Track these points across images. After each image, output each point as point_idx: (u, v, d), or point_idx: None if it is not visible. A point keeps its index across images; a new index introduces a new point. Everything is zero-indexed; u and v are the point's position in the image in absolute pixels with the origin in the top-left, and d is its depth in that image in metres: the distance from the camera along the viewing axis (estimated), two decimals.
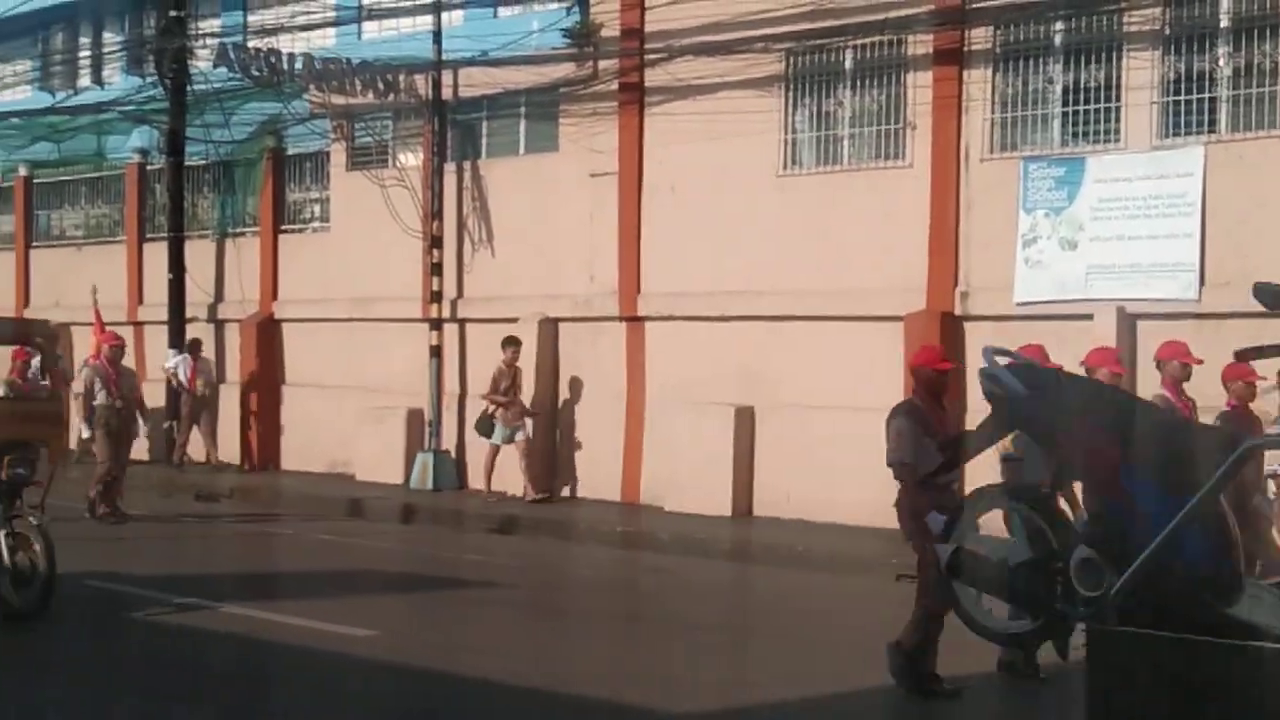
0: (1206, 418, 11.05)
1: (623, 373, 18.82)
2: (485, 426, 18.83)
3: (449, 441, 20.47)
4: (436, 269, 20.41)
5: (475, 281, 20.69)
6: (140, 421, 18.07)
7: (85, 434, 17.57)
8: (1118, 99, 15.29)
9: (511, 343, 18.79)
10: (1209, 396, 11.78)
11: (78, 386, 17.88)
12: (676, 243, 18.32)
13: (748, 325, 17.55)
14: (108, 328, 20.50)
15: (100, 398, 17.38)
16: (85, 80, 27.13)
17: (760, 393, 17.54)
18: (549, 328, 19.60)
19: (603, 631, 12.06)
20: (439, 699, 9.51)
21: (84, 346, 24.33)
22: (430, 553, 16.21)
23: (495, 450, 18.84)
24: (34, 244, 27.72)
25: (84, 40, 27.70)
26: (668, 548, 15.99)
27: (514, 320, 19.62)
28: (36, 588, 11.21)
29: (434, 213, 20.45)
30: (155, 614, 11.89)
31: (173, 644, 11.05)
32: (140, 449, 19.62)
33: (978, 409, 7.76)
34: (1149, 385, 14.87)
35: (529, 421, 18.85)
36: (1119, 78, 15.26)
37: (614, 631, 12.04)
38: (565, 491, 19.36)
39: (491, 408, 18.73)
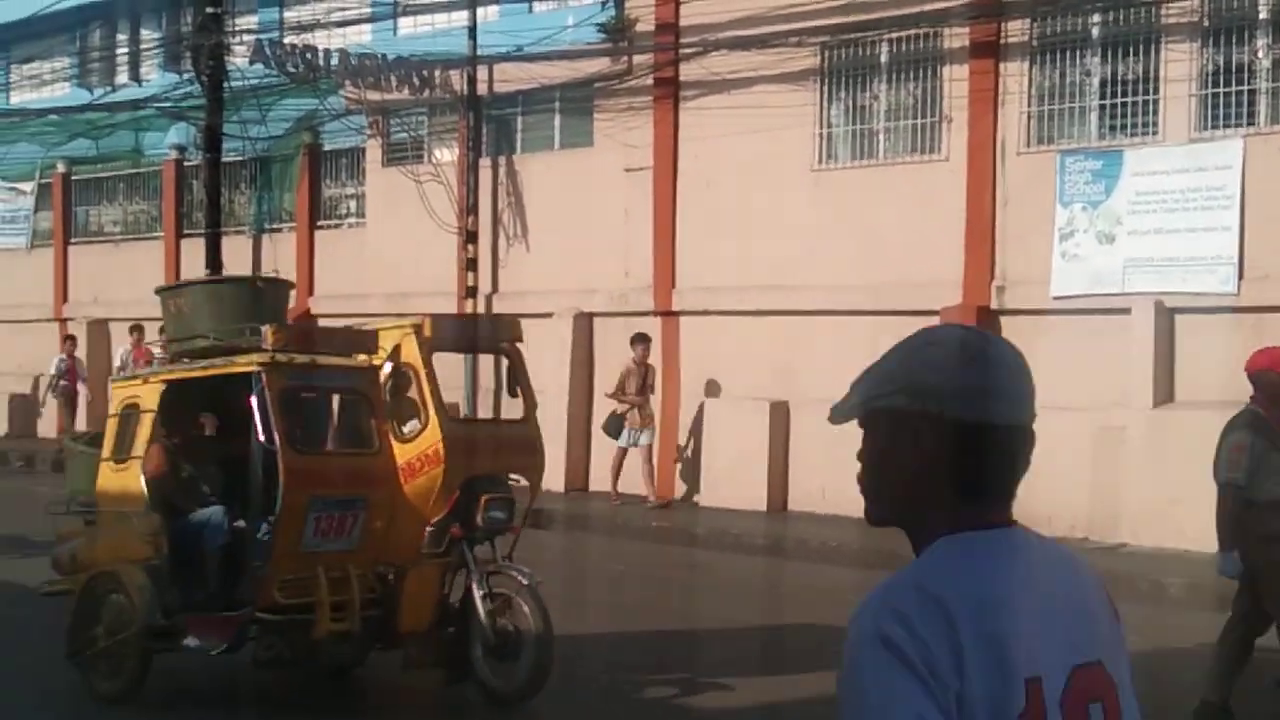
0: None
1: (658, 367, 18.80)
2: (614, 427, 18.03)
3: None
4: (471, 264, 20.45)
5: (510, 276, 20.72)
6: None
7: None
8: (1156, 91, 15.19)
9: (641, 340, 17.99)
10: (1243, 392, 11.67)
11: None
12: (711, 237, 18.30)
13: (782, 320, 17.52)
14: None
15: None
16: (123, 77, 27.29)
17: (795, 387, 17.49)
18: (584, 323, 19.61)
19: (641, 626, 12.05)
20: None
21: (120, 342, 24.57)
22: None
23: (623, 453, 18.06)
24: (72, 240, 27.91)
25: (122, 37, 27.86)
26: (704, 542, 15.98)
27: (549, 315, 19.63)
28: (525, 664, 8.76)
29: (469, 208, 20.48)
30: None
31: None
32: None
33: None
34: (1190, 382, 14.80)
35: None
36: (1157, 70, 15.16)
37: (652, 626, 12.02)
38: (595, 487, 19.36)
39: (622, 408, 17.90)
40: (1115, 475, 14.74)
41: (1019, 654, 2.19)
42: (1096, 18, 15.63)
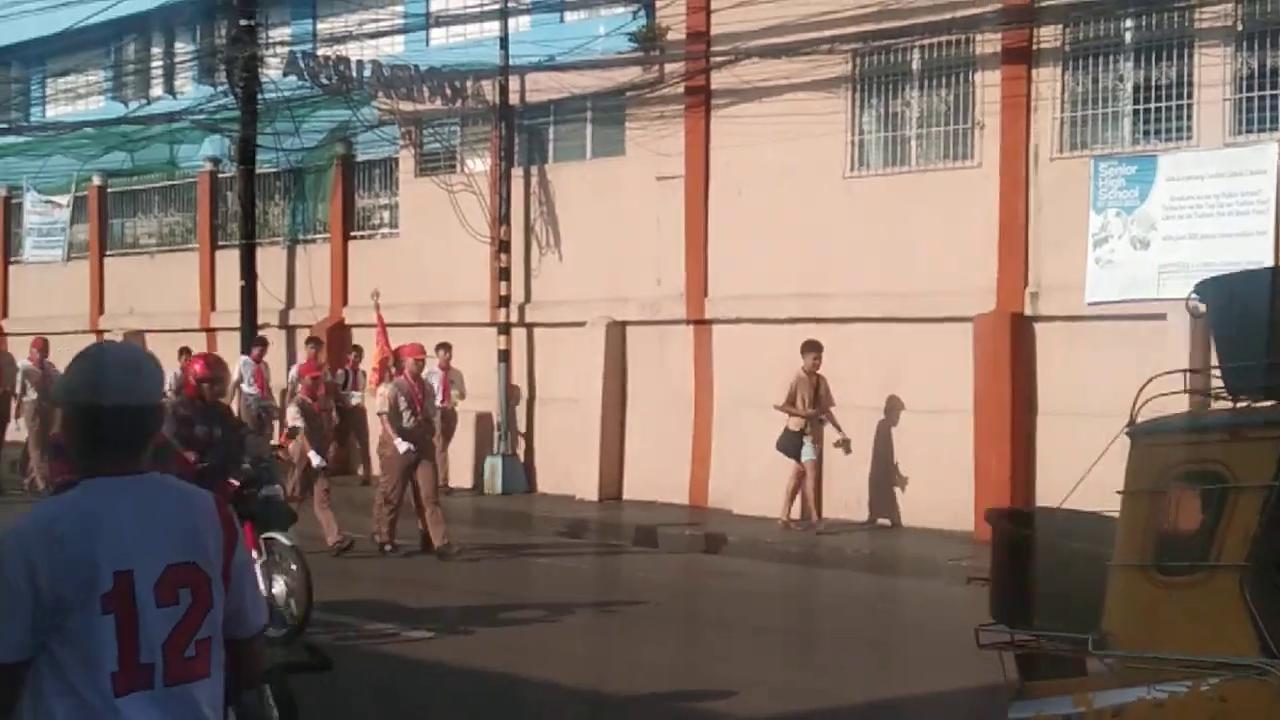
0: None
1: (690, 376, 18.80)
2: (791, 445, 16.60)
3: (518, 445, 20.54)
4: (504, 273, 20.48)
5: (543, 286, 20.75)
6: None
7: (316, 461, 15.40)
8: (1189, 96, 15.11)
9: (812, 348, 16.64)
10: None
11: (380, 405, 15.95)
12: (743, 245, 18.29)
13: (815, 328, 17.46)
14: (397, 338, 19.40)
15: (406, 419, 15.37)
16: (158, 90, 27.44)
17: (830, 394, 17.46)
18: (616, 331, 19.61)
19: (675, 635, 12.05)
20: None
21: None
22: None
23: (812, 469, 16.65)
24: (108, 252, 28.07)
25: (156, 51, 28.01)
26: (739, 551, 15.95)
27: (581, 324, 19.67)
28: None
29: (501, 217, 20.52)
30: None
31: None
32: None
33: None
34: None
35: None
36: (1190, 74, 15.08)
37: (686, 635, 12.02)
38: (628, 495, 19.36)
39: (796, 422, 16.56)
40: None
41: (110, 553, 3.30)
42: (1129, 22, 15.56)
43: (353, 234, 23.66)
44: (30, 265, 29.48)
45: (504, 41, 20.09)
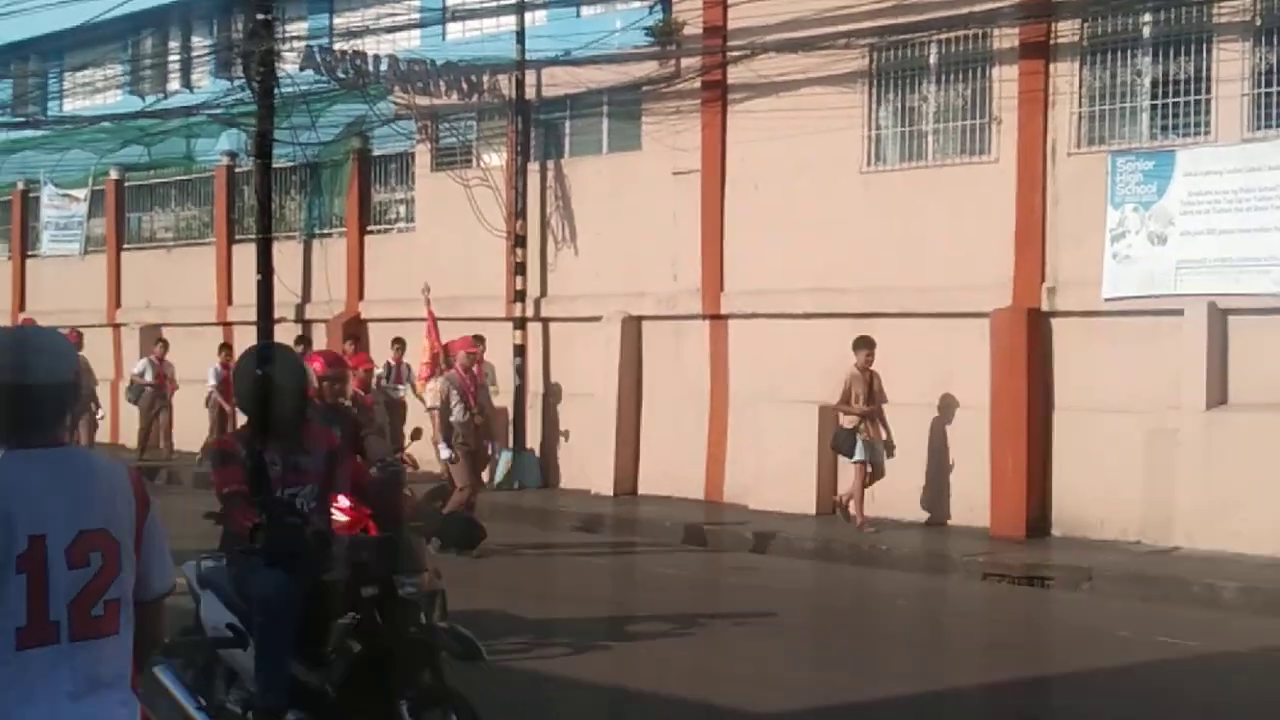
0: None
1: (706, 371, 18.80)
2: (845, 442, 16.31)
3: (533, 440, 20.55)
4: (520, 268, 20.51)
5: (559, 280, 20.76)
6: (493, 441, 16.64)
7: (445, 454, 15.08)
8: (1207, 91, 15.06)
9: (864, 344, 16.26)
10: None
11: (431, 400, 15.78)
12: (759, 240, 18.28)
13: (831, 323, 17.46)
14: (450, 331, 18.89)
15: (457, 413, 15.14)
16: (175, 84, 27.50)
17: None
18: (632, 326, 19.61)
19: (695, 632, 12.03)
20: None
21: (194, 349, 24.71)
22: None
23: (864, 469, 16.23)
24: (125, 246, 28.14)
25: (173, 44, 28.09)
26: (754, 545, 15.94)
27: (597, 319, 19.67)
28: None
29: (517, 212, 20.53)
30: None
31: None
32: None
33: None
34: (1244, 384, 14.67)
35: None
36: (1209, 70, 15.03)
37: (704, 631, 12.00)
38: (643, 490, 19.37)
39: (850, 420, 16.22)
40: (1168, 478, 14.62)
41: (25, 519, 3.59)
42: (1147, 17, 15.51)
43: (369, 228, 23.69)
44: (48, 259, 29.57)
45: (520, 36, 20.10)
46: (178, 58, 27.83)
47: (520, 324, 20.47)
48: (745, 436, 18.21)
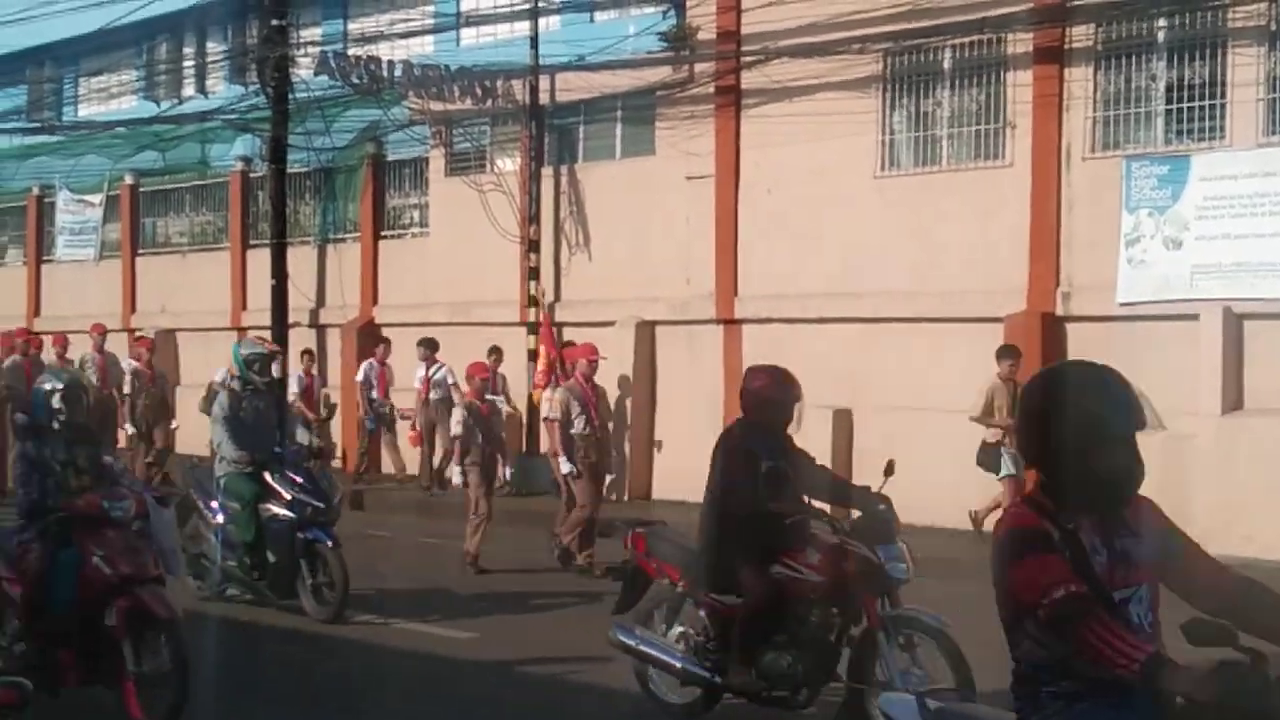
0: None
1: (720, 376, 18.77)
2: (992, 459, 15.36)
3: (544, 444, 20.50)
4: (534, 273, 20.50)
5: (572, 285, 20.76)
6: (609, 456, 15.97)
7: (566, 469, 14.34)
8: (1222, 96, 15.03)
9: (1008, 354, 15.30)
10: None
11: (550, 410, 15.07)
12: (773, 245, 18.27)
13: (845, 327, 17.46)
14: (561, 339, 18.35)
15: (578, 425, 14.32)
16: (190, 89, 27.55)
17: (858, 395, 17.42)
18: (645, 331, 19.61)
19: None
20: None
21: (207, 354, 24.70)
22: None
23: (1017, 484, 14.78)
24: (140, 251, 28.20)
25: (188, 50, 28.13)
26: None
27: (611, 324, 19.67)
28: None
29: (531, 217, 20.54)
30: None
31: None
32: None
33: None
34: (1259, 389, 14.62)
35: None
36: (1224, 74, 15.00)
37: None
38: (658, 495, 19.34)
39: (994, 434, 15.29)
40: (1183, 483, 14.57)
41: None
42: (1162, 22, 15.49)
43: (383, 233, 23.72)
44: (63, 264, 29.63)
45: (534, 41, 20.10)
46: (193, 63, 27.88)
47: (534, 329, 20.47)
48: None
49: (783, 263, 18.11)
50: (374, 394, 21.27)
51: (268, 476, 12.05)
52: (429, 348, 20.26)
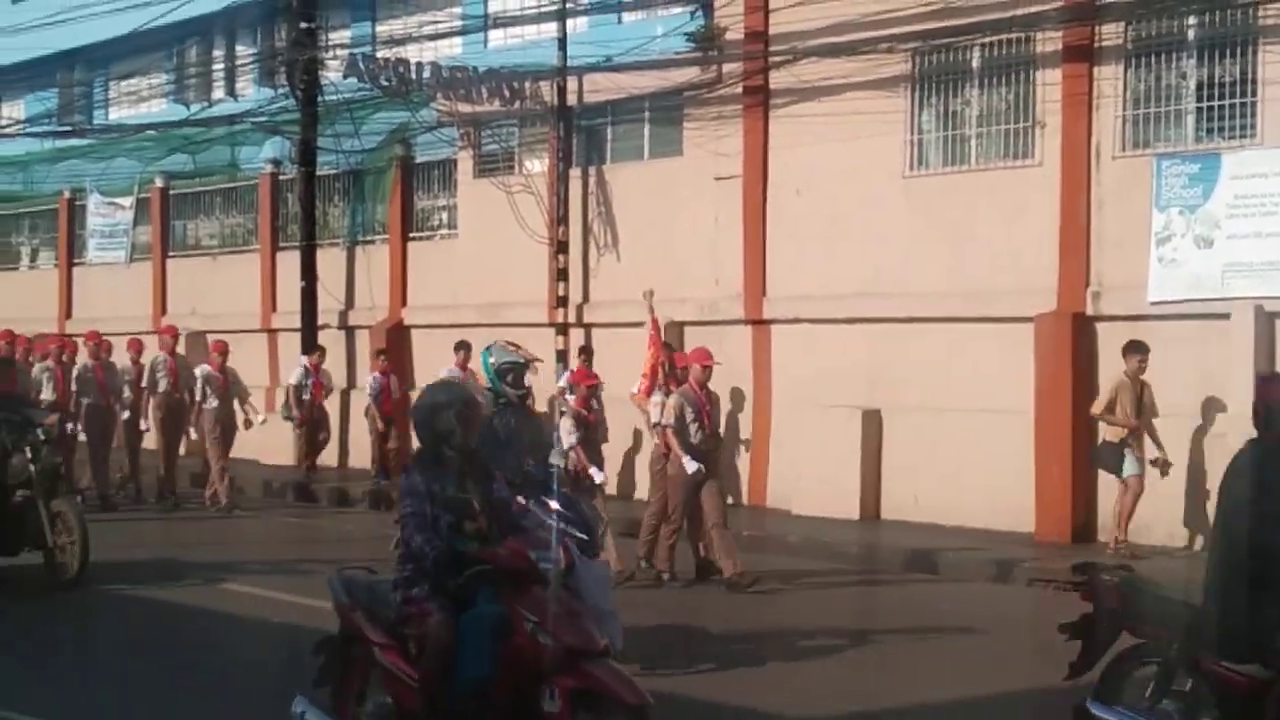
0: None
1: (749, 376, 18.77)
2: (1110, 457, 14.87)
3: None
4: (562, 274, 20.53)
5: (601, 286, 20.78)
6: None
7: (692, 469, 13.53)
8: (1253, 94, 14.95)
9: (1136, 349, 14.72)
10: None
11: (658, 415, 14.48)
12: (801, 245, 18.25)
13: (874, 327, 17.43)
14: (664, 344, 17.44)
15: (693, 432, 13.66)
16: (219, 92, 27.70)
17: (887, 395, 17.40)
18: (674, 331, 19.59)
19: (728, 638, 12.00)
20: None
21: (237, 355, 24.82)
22: None
23: (1139, 484, 14.68)
24: (170, 254, 28.33)
25: (218, 53, 28.27)
26: (798, 550, 15.88)
27: (639, 325, 19.64)
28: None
29: (559, 218, 20.56)
30: None
31: None
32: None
33: None
34: None
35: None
36: (1254, 72, 14.92)
37: (742, 637, 11.97)
38: None
39: (1115, 432, 14.75)
40: (1216, 483, 14.47)
41: None
42: (1192, 20, 15.41)
43: (411, 235, 23.78)
44: (94, 266, 29.79)
45: (562, 42, 20.12)
46: (222, 66, 28.02)
47: (562, 330, 20.49)
48: (788, 442, 18.17)
49: (811, 263, 18.09)
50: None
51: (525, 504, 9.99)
52: (468, 351, 19.48)
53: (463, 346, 19.27)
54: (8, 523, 13.10)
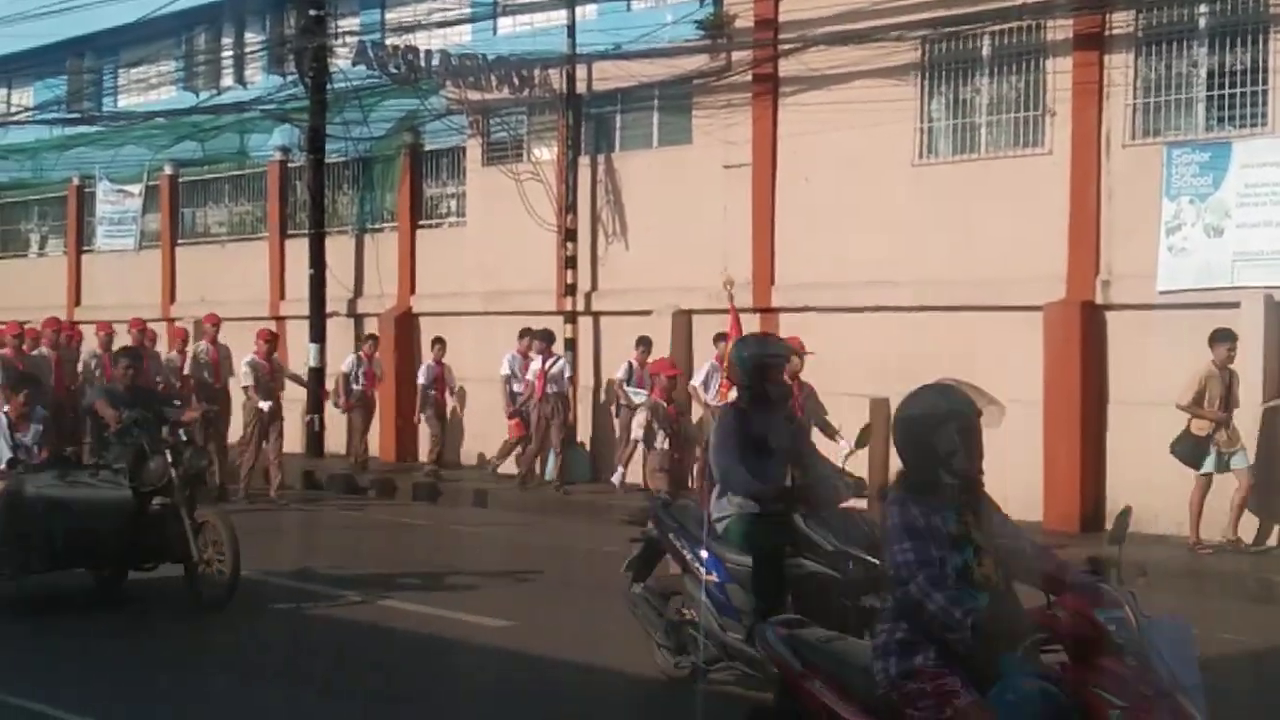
0: None
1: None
2: (1191, 451, 14.29)
3: (583, 434, 20.56)
4: (571, 262, 20.52)
5: (609, 274, 20.77)
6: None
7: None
8: (1264, 82, 14.90)
9: (1224, 338, 14.16)
10: None
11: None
12: (810, 234, 18.22)
13: (883, 316, 17.40)
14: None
15: None
16: (228, 80, 27.73)
17: (896, 384, 17.22)
18: (682, 320, 19.59)
19: None
20: None
21: (246, 343, 24.80)
22: None
23: (1206, 483, 14.24)
24: (179, 241, 28.32)
25: (226, 41, 28.30)
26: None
27: (648, 313, 19.66)
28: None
29: (568, 206, 20.55)
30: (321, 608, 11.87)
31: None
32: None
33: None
34: None
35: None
36: (1265, 60, 14.87)
37: None
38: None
39: (1202, 425, 14.18)
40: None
41: None
42: (1203, 8, 15.36)
43: (420, 223, 23.75)
44: (103, 254, 29.79)
45: (571, 30, 20.10)
46: (231, 54, 28.05)
47: (571, 318, 20.49)
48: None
49: (820, 251, 18.06)
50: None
51: (799, 521, 8.77)
52: (545, 340, 19.43)
53: (547, 339, 19.37)
54: (144, 534, 11.73)
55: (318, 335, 22.56)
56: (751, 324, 18.78)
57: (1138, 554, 13.64)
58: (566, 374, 19.52)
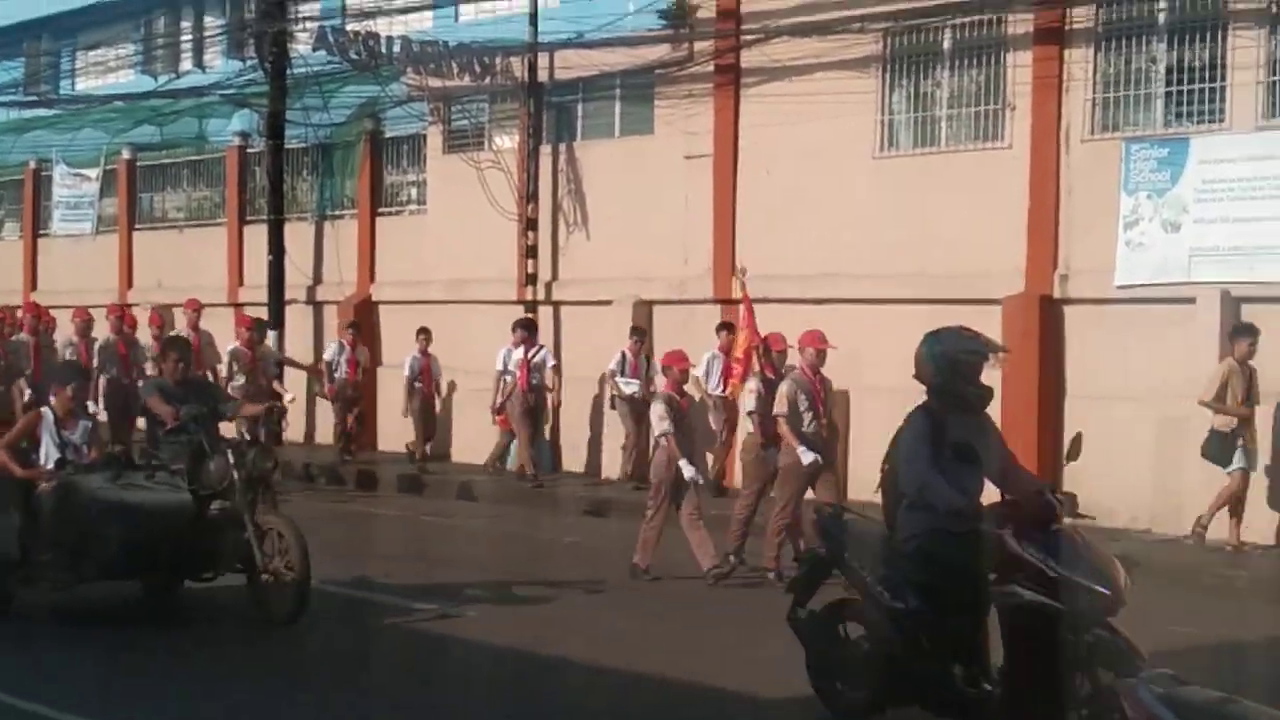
0: None
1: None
2: (1220, 449, 13.89)
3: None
4: (531, 251, 20.48)
5: (570, 264, 20.73)
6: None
7: (809, 459, 12.60)
8: (1222, 78, 14.99)
9: (1245, 333, 13.99)
10: None
11: (753, 404, 13.50)
12: (771, 225, 18.24)
13: (843, 308, 17.41)
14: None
15: (806, 421, 12.81)
16: (187, 64, 27.47)
17: (855, 376, 17.39)
18: (643, 310, 19.58)
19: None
20: None
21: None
22: None
23: (1243, 477, 13.88)
24: (137, 226, 28.13)
25: (186, 24, 28.05)
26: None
27: (608, 303, 19.64)
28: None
29: (529, 195, 20.51)
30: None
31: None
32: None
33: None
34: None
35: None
36: (1223, 56, 14.96)
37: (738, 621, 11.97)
38: None
39: (1226, 421, 13.86)
40: (1179, 467, 14.57)
41: None
42: (1162, 4, 15.44)
43: (380, 210, 23.66)
44: (59, 238, 29.56)
45: (533, 18, 20.05)
46: (190, 38, 27.79)
47: (531, 307, 20.44)
48: None
49: (780, 243, 18.07)
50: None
51: (1009, 541, 7.51)
52: (527, 329, 19.24)
53: (530, 330, 19.25)
54: (204, 540, 10.77)
55: (276, 322, 22.38)
56: (712, 315, 18.83)
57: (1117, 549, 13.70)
58: (549, 363, 19.41)
